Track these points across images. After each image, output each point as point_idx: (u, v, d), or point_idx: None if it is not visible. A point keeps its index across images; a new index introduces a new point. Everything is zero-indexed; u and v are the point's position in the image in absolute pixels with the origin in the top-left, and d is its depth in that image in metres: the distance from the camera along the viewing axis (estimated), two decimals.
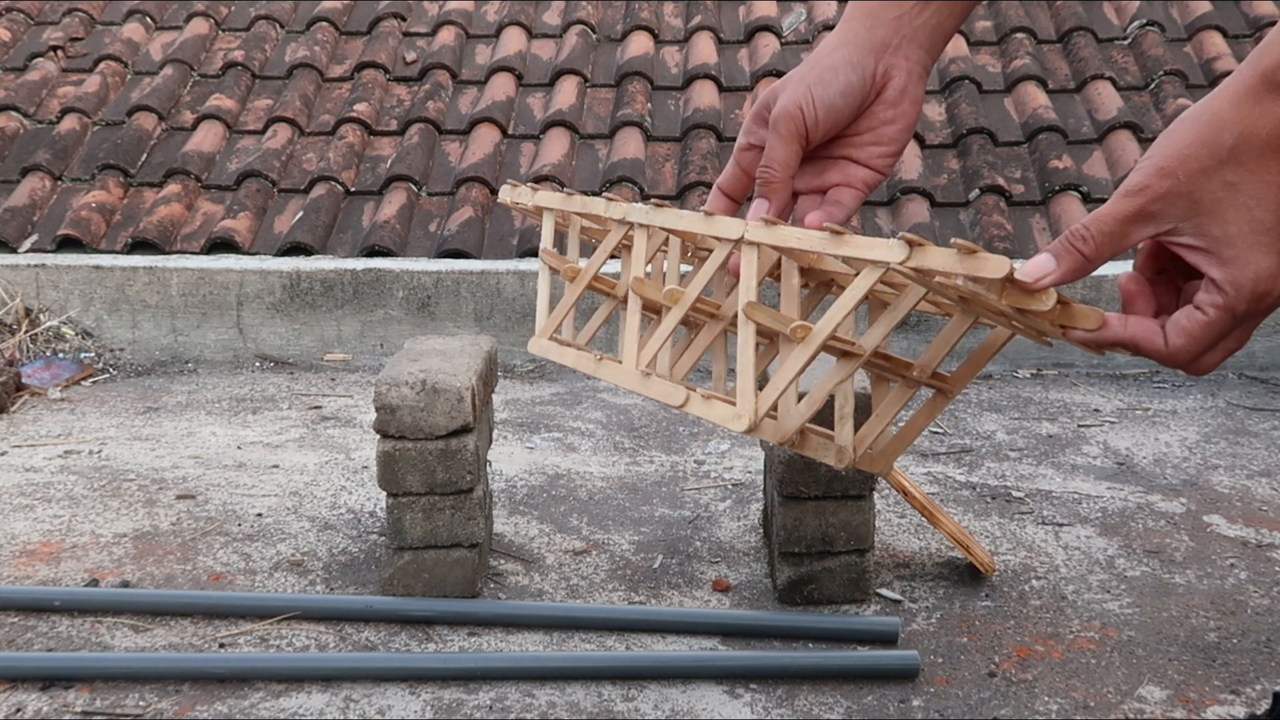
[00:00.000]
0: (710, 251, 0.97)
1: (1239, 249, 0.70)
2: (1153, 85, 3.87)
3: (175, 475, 2.35)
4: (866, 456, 0.97)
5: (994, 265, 0.76)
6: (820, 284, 1.01)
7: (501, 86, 3.95)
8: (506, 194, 1.20)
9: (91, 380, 3.11)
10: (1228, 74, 3.12)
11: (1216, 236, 0.70)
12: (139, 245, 3.43)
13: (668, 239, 1.03)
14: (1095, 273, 3.07)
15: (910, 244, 0.80)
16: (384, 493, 1.73)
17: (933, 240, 3.29)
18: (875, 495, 1.82)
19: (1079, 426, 2.65)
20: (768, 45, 4.08)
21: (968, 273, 0.77)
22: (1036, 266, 0.75)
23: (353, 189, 3.62)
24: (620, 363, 0.98)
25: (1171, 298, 0.78)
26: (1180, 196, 0.71)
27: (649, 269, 1.04)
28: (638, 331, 0.97)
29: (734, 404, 0.91)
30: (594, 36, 4.26)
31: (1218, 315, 0.71)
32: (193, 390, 3.02)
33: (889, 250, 0.82)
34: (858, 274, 0.86)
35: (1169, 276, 0.79)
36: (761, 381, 1.04)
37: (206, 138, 3.77)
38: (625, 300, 1.03)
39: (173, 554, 1.95)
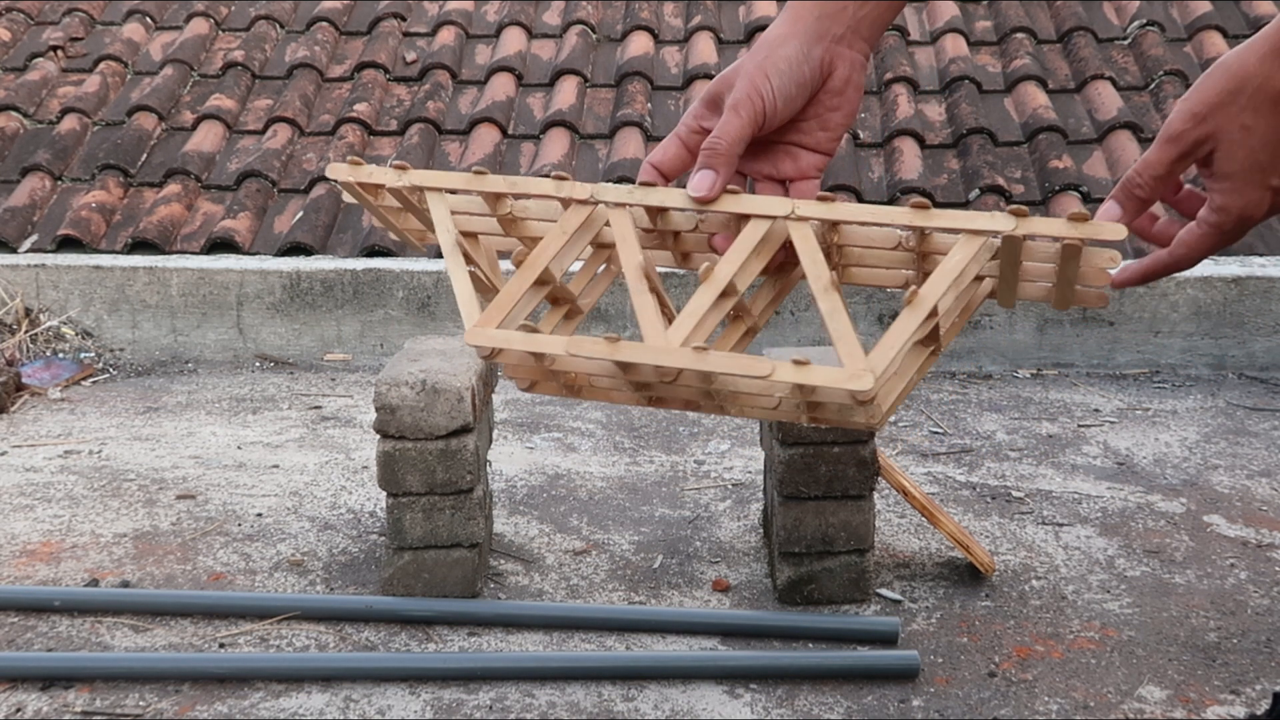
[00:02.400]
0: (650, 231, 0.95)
1: (1238, 182, 0.84)
2: (1153, 85, 3.87)
3: (175, 475, 2.35)
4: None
5: (1111, 230, 0.84)
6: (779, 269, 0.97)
7: (501, 86, 3.95)
8: (342, 172, 0.97)
9: (91, 380, 3.11)
10: None
11: (1227, 171, 0.85)
12: (139, 245, 3.43)
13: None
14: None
15: (1015, 215, 0.85)
16: (384, 493, 1.73)
17: None
18: (875, 495, 1.82)
19: (1079, 426, 2.66)
20: None
21: (1088, 236, 0.83)
22: (1106, 214, 0.88)
23: None
24: (634, 343, 0.90)
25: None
26: (1209, 138, 0.85)
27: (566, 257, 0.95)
28: (656, 310, 0.90)
29: (837, 368, 0.89)
30: (594, 36, 4.26)
31: (1212, 232, 0.87)
32: (193, 390, 3.02)
33: (996, 221, 0.85)
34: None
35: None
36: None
37: (206, 138, 3.77)
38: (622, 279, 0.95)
39: (173, 554, 1.95)
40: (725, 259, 0.90)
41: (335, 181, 0.97)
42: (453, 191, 1.02)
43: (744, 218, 0.91)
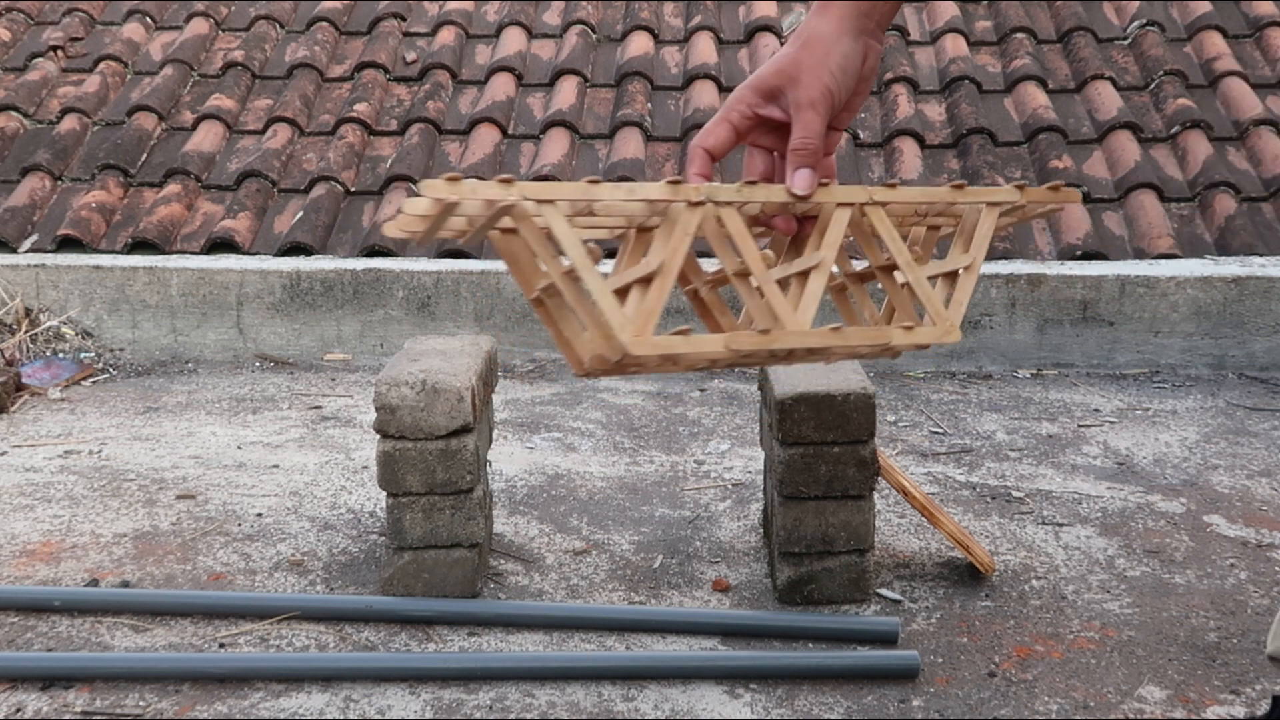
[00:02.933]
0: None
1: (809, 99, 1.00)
2: (1153, 85, 3.87)
3: (175, 475, 2.35)
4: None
5: (1074, 194, 1.14)
6: (794, 241, 1.10)
7: (501, 86, 3.95)
8: (436, 190, 0.93)
9: (91, 380, 3.11)
10: (1228, 74, 3.11)
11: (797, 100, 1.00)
12: (139, 245, 3.43)
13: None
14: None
15: (1020, 189, 1.12)
16: (384, 493, 1.73)
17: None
18: (875, 495, 1.82)
19: (1079, 426, 2.66)
20: (768, 45, 4.08)
21: (1065, 201, 1.13)
22: (805, 182, 1.00)
23: (353, 189, 3.62)
24: (770, 331, 1.02)
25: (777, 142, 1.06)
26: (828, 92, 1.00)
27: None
28: (783, 298, 1.03)
29: (929, 326, 1.09)
30: (594, 36, 4.26)
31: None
32: (193, 390, 3.02)
33: (1009, 194, 1.12)
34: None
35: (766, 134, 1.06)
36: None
37: (206, 138, 3.77)
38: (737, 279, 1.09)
39: (173, 554, 1.95)
40: (826, 247, 1.03)
41: (422, 214, 0.96)
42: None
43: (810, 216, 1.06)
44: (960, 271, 1.11)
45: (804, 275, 1.04)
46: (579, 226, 1.04)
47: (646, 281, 0.99)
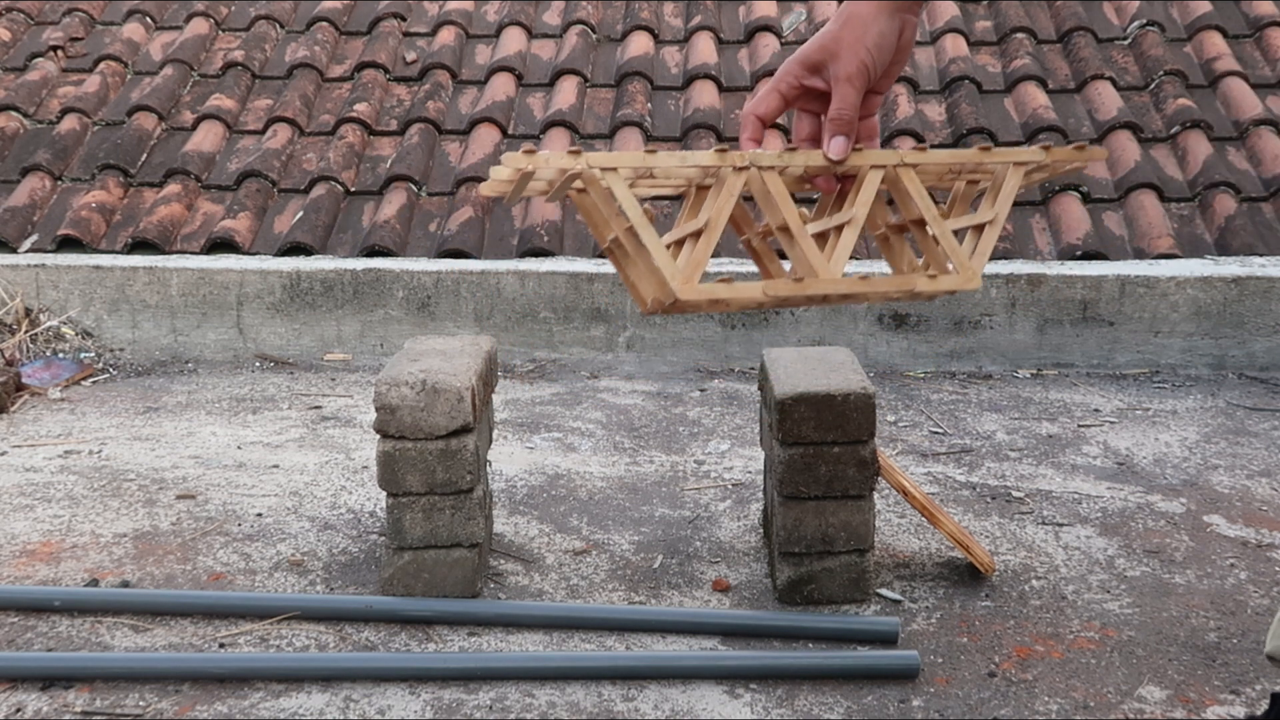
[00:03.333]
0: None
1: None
2: (1153, 85, 3.87)
3: (175, 475, 2.35)
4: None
5: (1100, 152, 1.23)
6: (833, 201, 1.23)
7: (501, 86, 3.95)
8: (515, 163, 1.16)
9: (91, 380, 3.11)
10: (1228, 74, 3.10)
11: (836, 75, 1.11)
12: (139, 245, 3.43)
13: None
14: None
15: (1046, 149, 1.21)
16: (384, 493, 1.73)
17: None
18: (875, 495, 1.82)
19: (1079, 426, 2.66)
20: (768, 45, 4.08)
21: (1089, 159, 1.21)
22: (840, 148, 1.13)
23: (353, 189, 3.62)
24: (805, 280, 1.15)
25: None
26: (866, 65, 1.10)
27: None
28: (816, 249, 1.15)
29: (952, 274, 1.19)
30: (594, 36, 4.26)
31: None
32: (193, 390, 3.02)
33: (1033, 154, 1.21)
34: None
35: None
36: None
37: (206, 138, 3.77)
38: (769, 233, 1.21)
39: (173, 554, 1.95)
40: (859, 205, 1.15)
41: (505, 178, 1.15)
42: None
43: (848, 175, 1.16)
44: (986, 226, 1.21)
45: (839, 229, 1.16)
46: (648, 186, 1.19)
47: (696, 236, 1.13)
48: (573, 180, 1.16)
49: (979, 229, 1.24)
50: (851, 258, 1.30)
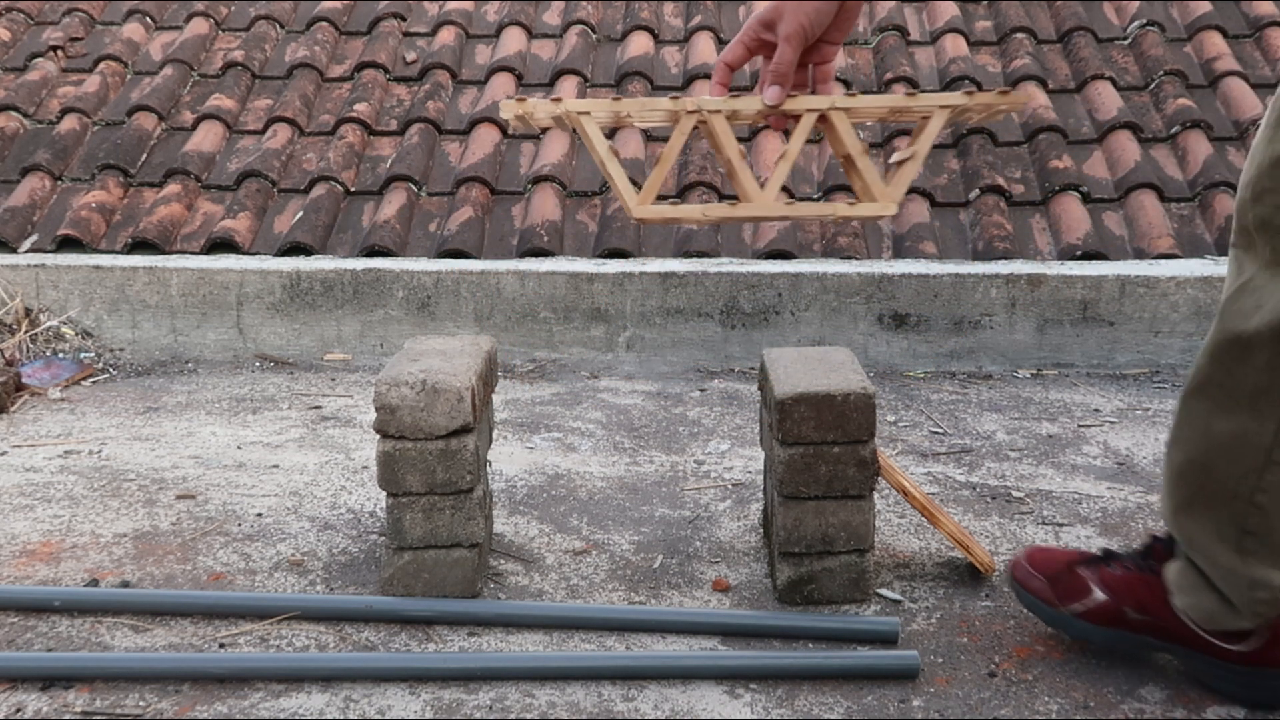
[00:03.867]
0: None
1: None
2: (1153, 85, 3.87)
3: (175, 475, 2.35)
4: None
5: (1022, 96, 1.34)
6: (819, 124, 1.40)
7: (501, 86, 3.95)
8: (511, 109, 1.39)
9: (91, 380, 3.11)
10: (1228, 74, 3.10)
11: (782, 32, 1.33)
12: (139, 245, 3.43)
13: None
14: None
15: (969, 94, 1.33)
16: (384, 493, 1.73)
17: (932, 239, 3.30)
18: (875, 495, 1.82)
19: (1079, 426, 2.66)
20: None
21: (1012, 104, 1.33)
22: (774, 95, 1.34)
23: (353, 189, 3.62)
24: (743, 203, 1.36)
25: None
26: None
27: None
28: (753, 178, 1.35)
29: (873, 202, 1.36)
30: (594, 36, 4.26)
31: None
32: (193, 390, 3.02)
33: (957, 98, 1.34)
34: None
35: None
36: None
37: (206, 138, 3.77)
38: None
39: (173, 554, 1.95)
40: (794, 139, 1.34)
41: (509, 118, 1.40)
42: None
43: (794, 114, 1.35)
44: (906, 162, 1.37)
45: (778, 161, 1.37)
46: (639, 125, 1.43)
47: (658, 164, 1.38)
48: (558, 119, 1.40)
49: (900, 164, 1.41)
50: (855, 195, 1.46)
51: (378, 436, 1.68)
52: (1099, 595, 1.53)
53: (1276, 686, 1.44)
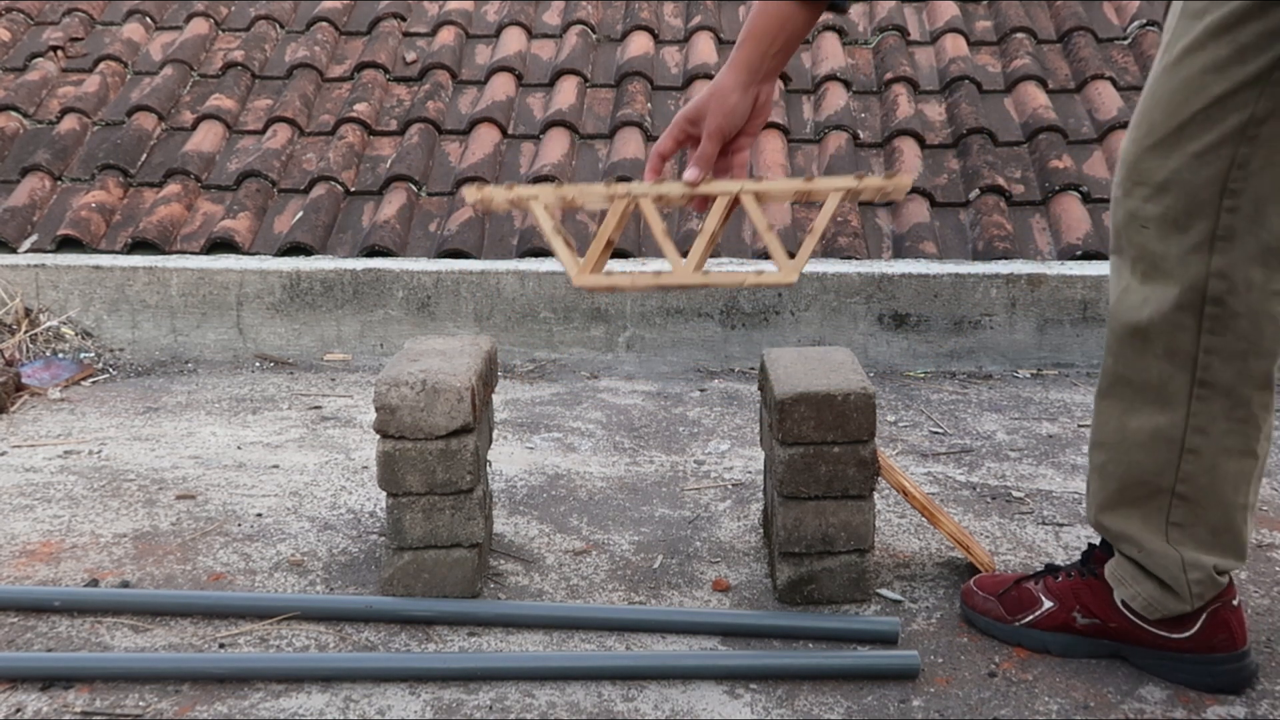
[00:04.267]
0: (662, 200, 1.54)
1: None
2: None
3: (175, 475, 2.35)
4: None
5: (905, 180, 1.44)
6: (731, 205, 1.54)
7: (501, 86, 3.95)
8: (471, 195, 1.56)
9: (91, 380, 3.11)
10: None
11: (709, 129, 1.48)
12: (139, 245, 3.43)
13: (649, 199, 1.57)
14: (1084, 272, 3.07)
15: (859, 178, 1.45)
16: (384, 493, 1.73)
17: (933, 239, 3.30)
18: (875, 495, 1.82)
19: (1079, 426, 2.65)
20: None
21: (896, 186, 1.44)
22: (693, 176, 1.46)
23: (353, 189, 3.62)
24: (669, 273, 1.51)
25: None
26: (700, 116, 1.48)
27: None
28: (676, 252, 1.50)
29: (777, 273, 1.48)
30: (594, 36, 4.26)
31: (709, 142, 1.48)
32: (193, 390, 3.02)
33: (847, 182, 1.46)
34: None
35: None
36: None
37: (206, 138, 3.77)
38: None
39: (173, 554, 1.95)
40: (711, 218, 1.50)
41: (470, 203, 1.56)
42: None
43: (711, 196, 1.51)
44: (806, 236, 1.49)
45: (700, 236, 1.52)
46: (584, 205, 1.56)
47: (606, 242, 1.54)
48: (514, 203, 1.55)
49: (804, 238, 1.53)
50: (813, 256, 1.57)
51: (378, 436, 1.68)
52: (1047, 604, 1.59)
53: (1226, 670, 1.49)
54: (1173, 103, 1.36)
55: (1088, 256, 3.24)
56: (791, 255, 1.47)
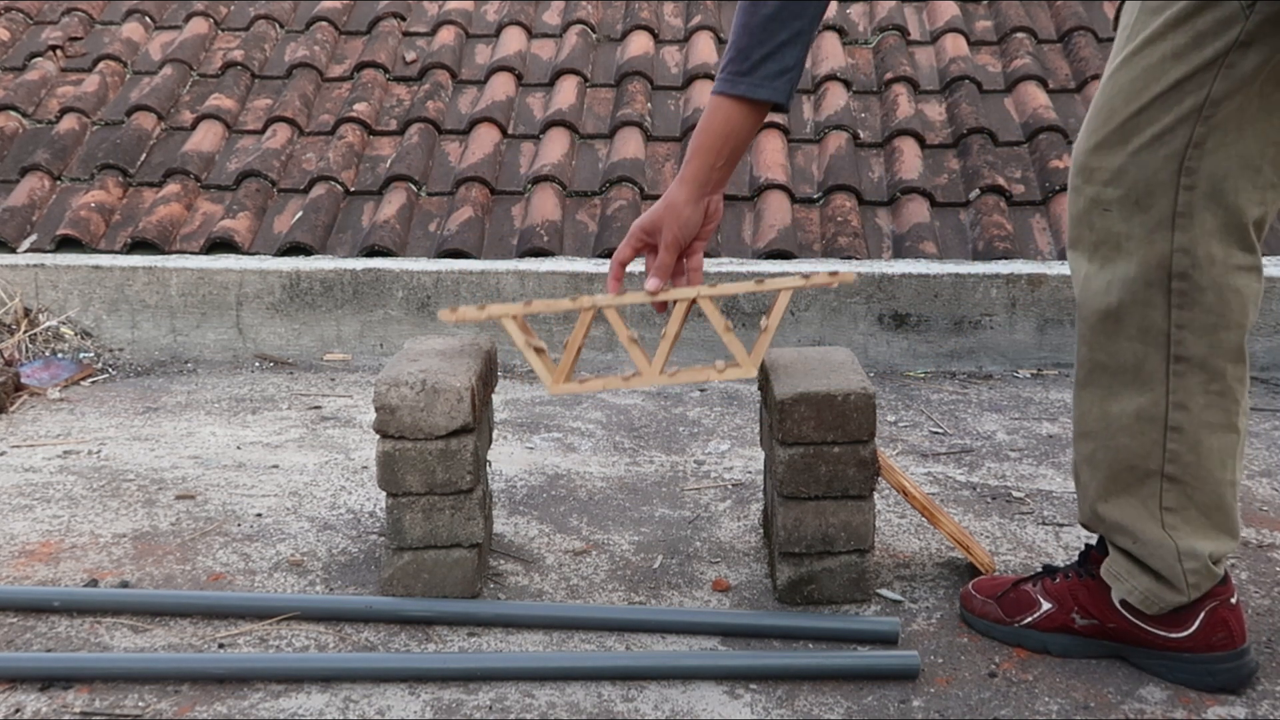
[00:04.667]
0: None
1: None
2: None
3: (175, 475, 2.34)
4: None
5: (848, 276, 1.60)
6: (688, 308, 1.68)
7: (501, 86, 3.95)
8: (447, 316, 1.71)
9: (91, 380, 3.10)
10: None
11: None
12: (138, 245, 3.43)
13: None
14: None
15: (805, 277, 1.59)
16: (384, 493, 1.73)
17: (933, 239, 3.30)
18: (875, 495, 1.81)
19: None
20: None
21: (841, 282, 1.59)
22: (653, 285, 1.62)
23: (352, 189, 3.62)
24: (635, 375, 1.67)
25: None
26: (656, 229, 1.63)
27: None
28: (643, 356, 1.66)
29: (738, 366, 1.63)
30: (594, 36, 4.26)
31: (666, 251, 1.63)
32: (192, 390, 3.02)
33: (794, 282, 1.60)
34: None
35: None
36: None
37: (206, 138, 3.77)
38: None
39: (172, 554, 1.95)
40: (672, 322, 1.65)
41: (449, 323, 1.78)
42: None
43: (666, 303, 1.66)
44: (762, 333, 1.63)
45: (662, 340, 1.65)
46: (553, 315, 1.77)
47: (574, 349, 1.69)
48: (489, 319, 1.69)
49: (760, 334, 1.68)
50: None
51: (377, 436, 1.68)
52: (1045, 605, 1.60)
53: (1226, 669, 1.49)
54: (1133, 89, 1.39)
55: None
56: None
